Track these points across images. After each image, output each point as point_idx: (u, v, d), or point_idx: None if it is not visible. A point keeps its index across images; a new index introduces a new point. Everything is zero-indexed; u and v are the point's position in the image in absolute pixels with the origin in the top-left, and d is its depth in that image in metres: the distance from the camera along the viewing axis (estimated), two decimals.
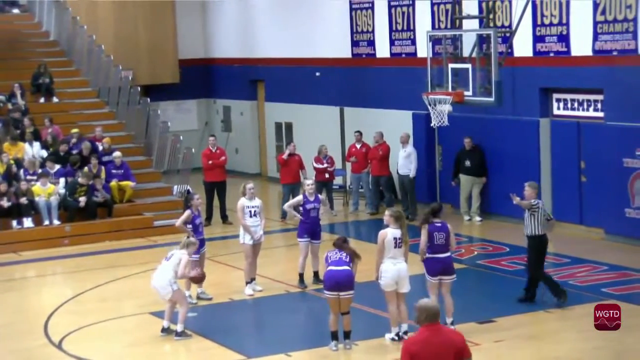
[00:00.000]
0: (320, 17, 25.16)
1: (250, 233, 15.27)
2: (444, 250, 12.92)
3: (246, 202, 15.35)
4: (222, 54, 29.68)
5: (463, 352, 7.73)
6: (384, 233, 12.61)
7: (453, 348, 7.66)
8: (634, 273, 15.85)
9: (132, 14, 28.46)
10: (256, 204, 15.41)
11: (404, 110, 22.17)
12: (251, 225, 15.29)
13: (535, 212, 14.03)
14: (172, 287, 13.21)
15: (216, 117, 30.13)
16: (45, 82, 24.39)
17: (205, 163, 21.58)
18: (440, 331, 7.73)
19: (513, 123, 19.90)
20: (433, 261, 12.88)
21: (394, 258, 12.56)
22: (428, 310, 7.70)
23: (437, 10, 21.51)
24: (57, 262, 19.08)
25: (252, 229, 15.28)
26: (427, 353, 7.60)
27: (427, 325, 7.69)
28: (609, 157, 18.00)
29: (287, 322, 14.29)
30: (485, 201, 20.70)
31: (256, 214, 15.37)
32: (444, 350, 7.63)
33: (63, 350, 13.20)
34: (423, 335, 7.68)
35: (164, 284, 13.21)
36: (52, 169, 20.93)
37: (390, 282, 12.56)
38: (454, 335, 7.92)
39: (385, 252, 12.56)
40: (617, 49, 17.71)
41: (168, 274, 13.20)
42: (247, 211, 15.32)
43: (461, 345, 7.73)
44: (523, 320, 13.58)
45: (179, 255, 13.31)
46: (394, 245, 12.54)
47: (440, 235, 12.88)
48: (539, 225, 14.07)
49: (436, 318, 7.73)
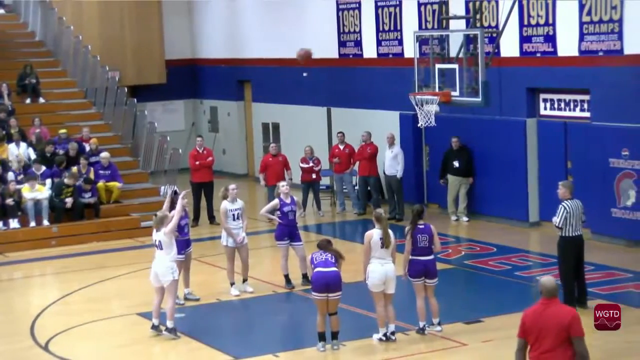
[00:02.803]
0: (307, 17, 25.16)
1: (233, 237, 15.24)
2: (428, 252, 12.87)
3: (229, 206, 15.28)
4: (209, 54, 29.65)
5: (569, 329, 8.13)
6: (370, 234, 12.60)
7: (557, 324, 8.14)
8: (621, 273, 15.91)
9: (118, 14, 28.36)
10: (238, 207, 15.34)
11: (391, 111, 22.18)
12: (234, 228, 15.25)
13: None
14: (172, 275, 13.20)
15: (203, 117, 30.10)
16: (32, 82, 24.30)
17: (192, 164, 21.56)
18: (550, 306, 8.25)
19: (500, 123, 19.95)
20: (416, 263, 12.84)
21: (381, 258, 12.54)
22: (544, 286, 8.28)
23: (424, 10, 21.53)
24: (44, 263, 19.02)
25: (235, 232, 15.24)
26: (534, 324, 8.24)
27: (543, 299, 8.28)
28: (596, 157, 18.06)
29: (275, 322, 14.30)
30: (473, 201, 20.74)
31: (239, 216, 15.33)
32: (549, 324, 8.16)
33: (50, 352, 13.16)
34: (536, 308, 8.32)
35: (164, 271, 13.19)
36: (38, 170, 20.86)
37: (378, 283, 12.55)
38: (563, 312, 8.28)
39: (372, 252, 12.55)
40: (603, 50, 17.78)
41: (167, 262, 13.19)
42: (230, 214, 15.27)
43: (566, 322, 8.15)
44: (510, 320, 13.54)
45: (162, 237, 13.19)
46: (381, 246, 12.54)
47: (424, 238, 12.82)
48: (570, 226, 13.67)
49: (551, 294, 8.26)
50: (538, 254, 17.71)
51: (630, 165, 17.48)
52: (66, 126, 23.19)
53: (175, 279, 13.29)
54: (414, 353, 12.46)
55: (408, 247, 12.82)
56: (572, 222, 13.55)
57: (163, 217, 13.45)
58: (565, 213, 13.52)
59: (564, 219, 13.52)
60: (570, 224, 13.54)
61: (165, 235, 13.22)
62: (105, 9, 28.19)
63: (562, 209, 13.54)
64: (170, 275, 13.22)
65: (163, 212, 13.65)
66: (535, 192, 19.54)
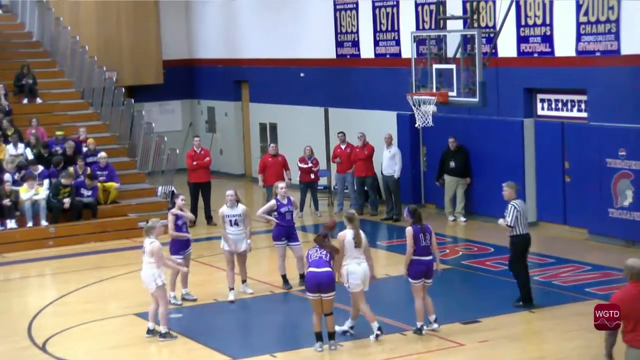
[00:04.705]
0: (305, 17, 25.17)
1: (227, 242, 15.07)
2: (429, 252, 12.94)
3: (226, 211, 15.03)
4: (206, 54, 29.64)
5: None
6: (344, 234, 12.68)
7: None
8: (617, 273, 15.86)
9: (115, 14, 28.37)
10: (237, 212, 15.00)
11: (389, 111, 22.19)
12: (231, 234, 15.00)
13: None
14: (155, 283, 13.12)
15: (200, 117, 30.09)
16: (29, 83, 24.29)
17: (189, 164, 21.56)
18: None
19: (497, 123, 19.96)
20: (418, 263, 12.88)
21: (357, 258, 12.66)
22: (633, 268, 8.40)
23: (421, 10, 21.55)
24: (41, 264, 19.01)
25: (232, 238, 15.00)
26: (632, 308, 8.37)
27: (633, 283, 8.40)
28: (593, 157, 18.07)
29: (273, 322, 14.30)
30: (470, 201, 20.75)
31: (237, 222, 14.98)
32: None
33: (47, 352, 13.16)
34: (629, 292, 8.45)
35: (147, 278, 13.16)
36: (35, 170, 20.85)
37: (359, 283, 12.69)
38: None
39: (347, 252, 12.61)
40: (600, 50, 17.79)
41: (150, 269, 13.11)
42: (227, 220, 15.00)
43: None
44: (507, 321, 13.61)
45: (148, 246, 13.10)
46: (355, 246, 12.62)
47: (426, 237, 12.91)
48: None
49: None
50: (535, 254, 17.70)
51: (627, 166, 17.49)
52: (63, 127, 23.19)
53: (159, 285, 13.14)
54: (412, 353, 12.47)
55: (410, 249, 12.83)
56: (521, 220, 13.94)
57: (150, 227, 13.26)
58: (515, 212, 13.89)
59: (515, 219, 13.87)
60: (520, 222, 13.92)
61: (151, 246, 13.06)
62: (102, 9, 28.20)
63: (512, 209, 13.89)
64: (153, 283, 13.12)
65: (153, 222, 13.46)
66: (532, 193, 19.54)
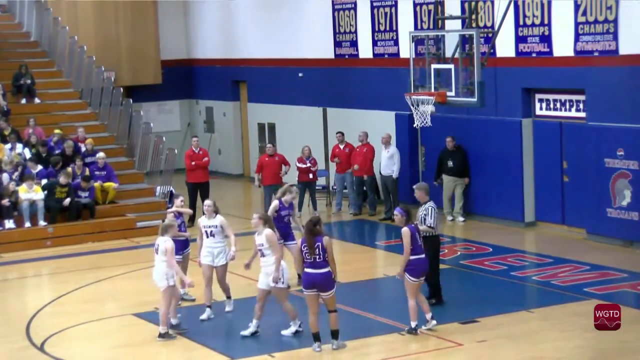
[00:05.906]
0: (303, 17, 25.16)
1: (199, 253, 14.28)
2: (423, 250, 12.98)
3: (203, 221, 14.15)
4: (205, 54, 29.63)
5: None
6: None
7: None
8: (616, 273, 15.91)
9: (113, 14, 28.34)
10: (214, 223, 14.05)
11: (387, 111, 22.19)
12: (208, 246, 14.08)
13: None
14: (167, 281, 13.15)
15: (199, 118, 30.08)
16: (27, 83, 24.27)
17: (188, 164, 21.54)
18: None
19: (495, 123, 19.96)
20: (419, 262, 12.88)
21: None
22: None
23: (420, 10, 21.55)
24: (39, 264, 18.99)
25: (208, 250, 14.08)
26: None
27: None
28: (591, 157, 18.08)
29: (271, 322, 14.27)
30: (468, 201, 20.74)
31: (213, 234, 14.03)
32: None
33: (45, 352, 13.14)
34: None
35: (159, 276, 13.17)
36: (34, 169, 20.83)
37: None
38: None
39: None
40: (598, 50, 17.79)
41: (163, 267, 13.14)
42: (204, 231, 14.06)
43: None
44: (506, 320, 13.61)
45: (162, 244, 13.17)
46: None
47: (420, 235, 12.98)
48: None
49: None
50: (534, 254, 17.73)
51: (625, 165, 17.50)
52: (61, 127, 23.18)
53: (170, 285, 13.18)
54: (410, 353, 12.47)
55: (409, 249, 12.82)
56: (437, 222, 14.03)
57: (168, 226, 13.38)
58: (435, 214, 13.93)
59: (434, 219, 13.89)
60: (437, 224, 14.00)
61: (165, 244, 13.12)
62: (100, 9, 28.17)
63: (432, 210, 13.90)
64: (165, 282, 13.16)
65: (170, 221, 13.65)
66: (530, 192, 19.55)
